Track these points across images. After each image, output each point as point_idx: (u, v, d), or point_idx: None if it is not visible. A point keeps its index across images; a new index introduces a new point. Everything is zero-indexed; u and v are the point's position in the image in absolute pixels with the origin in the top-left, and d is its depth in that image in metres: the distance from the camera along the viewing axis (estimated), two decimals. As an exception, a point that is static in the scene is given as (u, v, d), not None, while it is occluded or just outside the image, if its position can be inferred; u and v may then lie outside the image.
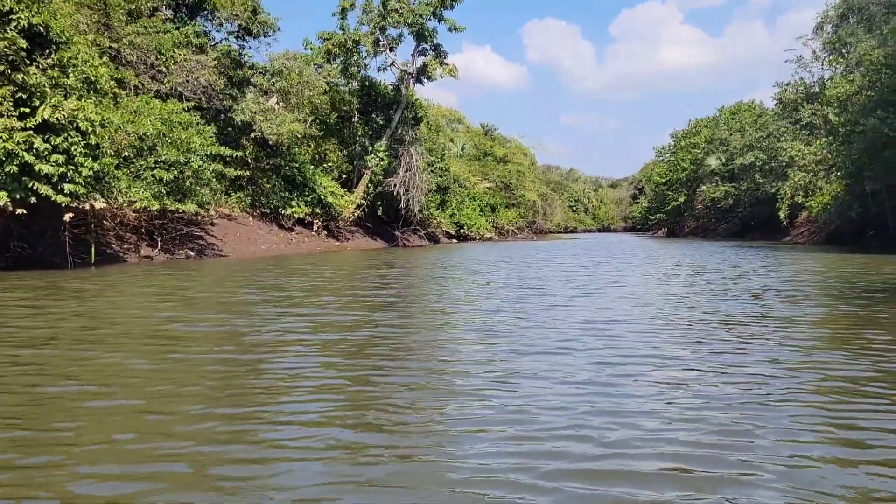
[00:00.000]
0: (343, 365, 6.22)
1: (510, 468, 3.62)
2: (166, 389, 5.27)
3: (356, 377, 5.74)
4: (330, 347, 7.08)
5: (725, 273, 17.58)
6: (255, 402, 4.99)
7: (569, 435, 4.17)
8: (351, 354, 6.73)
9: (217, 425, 4.38)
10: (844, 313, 9.59)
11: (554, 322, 8.75)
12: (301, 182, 36.46)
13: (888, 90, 27.17)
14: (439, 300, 11.73)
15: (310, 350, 6.93)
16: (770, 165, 51.45)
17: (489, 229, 62.39)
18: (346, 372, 5.94)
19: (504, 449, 3.94)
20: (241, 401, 5.00)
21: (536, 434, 4.20)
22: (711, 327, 8.30)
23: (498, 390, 5.29)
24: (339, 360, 6.40)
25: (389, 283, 15.11)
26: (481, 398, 5.04)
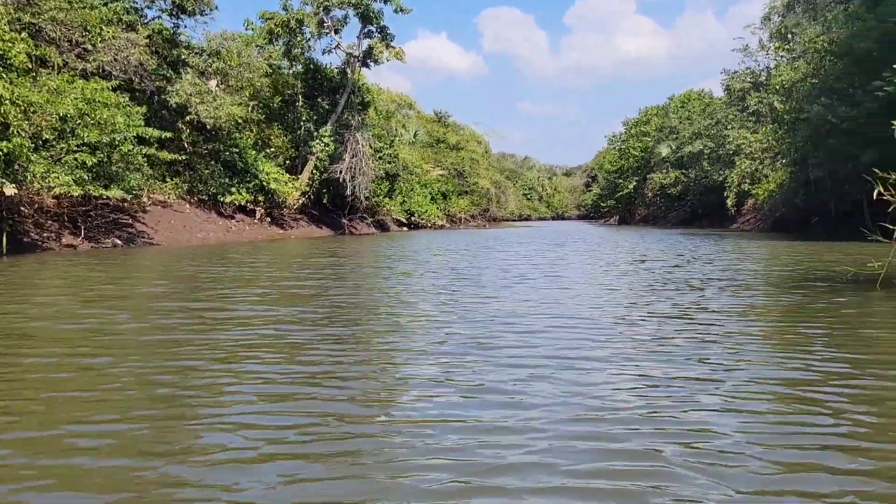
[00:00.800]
0: (187, 370, 5.40)
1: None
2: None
3: (196, 385, 4.94)
4: (203, 348, 6.25)
5: (669, 261, 17.15)
6: (63, 417, 4.16)
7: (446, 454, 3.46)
8: (211, 358, 5.91)
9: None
10: (781, 304, 9.10)
11: (471, 316, 8.05)
12: (242, 168, 35.18)
13: (832, 77, 27.14)
14: (357, 294, 10.94)
15: (166, 351, 6.09)
16: (718, 153, 51.72)
17: (440, 217, 61.66)
18: (171, 381, 5.12)
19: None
20: (49, 415, 4.17)
21: (401, 455, 3.47)
22: (639, 321, 7.69)
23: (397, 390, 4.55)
24: (201, 364, 5.58)
25: (312, 274, 14.25)
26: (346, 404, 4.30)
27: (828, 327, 7.05)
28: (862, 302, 8.94)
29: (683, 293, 10.11)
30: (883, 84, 23.19)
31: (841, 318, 7.62)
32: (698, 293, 10.09)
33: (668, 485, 3.20)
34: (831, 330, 6.91)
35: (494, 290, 10.64)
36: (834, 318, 7.67)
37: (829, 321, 7.41)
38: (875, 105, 24.15)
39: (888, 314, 8.19)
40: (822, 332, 6.76)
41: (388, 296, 10.32)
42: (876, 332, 6.91)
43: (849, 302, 8.90)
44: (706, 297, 9.59)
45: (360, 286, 11.80)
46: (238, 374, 5.23)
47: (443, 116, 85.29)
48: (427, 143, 75.75)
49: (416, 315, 8.25)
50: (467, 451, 3.57)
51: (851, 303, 8.84)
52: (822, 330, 6.91)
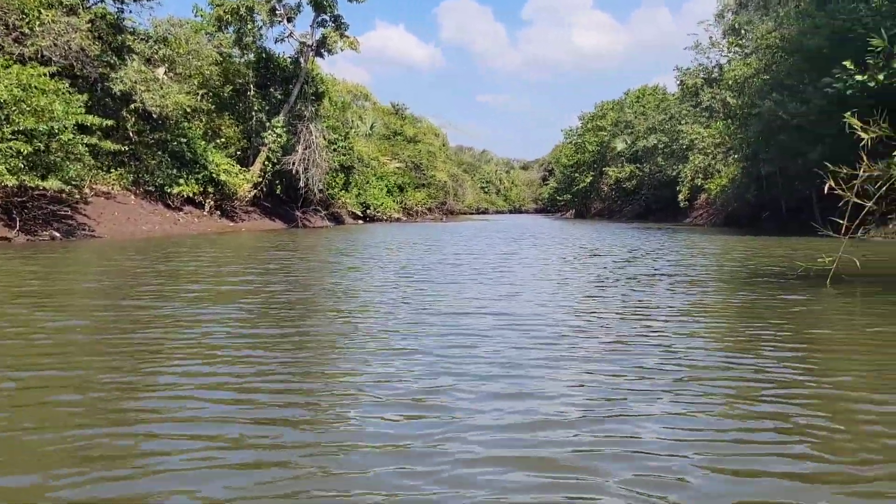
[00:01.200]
0: (111, 370, 4.94)
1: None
2: None
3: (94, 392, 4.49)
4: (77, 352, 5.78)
5: (619, 256, 17.03)
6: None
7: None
8: (134, 361, 5.45)
9: None
10: (731, 302, 8.94)
11: (415, 316, 7.69)
12: (191, 159, 34.18)
13: (783, 74, 27.42)
14: (297, 291, 10.49)
15: (86, 352, 5.61)
16: (672, 148, 52.23)
17: (397, 210, 61.18)
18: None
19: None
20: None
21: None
22: (585, 320, 7.41)
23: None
24: (125, 365, 5.12)
25: (255, 269, 13.74)
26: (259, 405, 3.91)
27: (777, 327, 6.86)
28: (811, 299, 8.83)
29: (633, 290, 9.90)
30: (832, 81, 23.42)
31: (790, 317, 7.46)
32: (647, 290, 9.89)
33: (601, 498, 2.91)
34: (780, 330, 6.72)
35: (442, 287, 10.30)
36: (783, 317, 7.50)
37: (779, 321, 7.23)
38: (824, 102, 24.43)
39: (836, 312, 8.07)
40: (771, 333, 6.57)
41: (329, 293, 9.90)
42: (825, 331, 6.75)
43: (798, 299, 8.77)
44: (655, 294, 9.39)
45: (303, 282, 11.35)
46: (154, 379, 4.79)
47: (400, 109, 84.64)
48: (384, 136, 75.12)
49: (356, 315, 7.86)
50: (397, 475, 3.22)
51: (801, 300, 8.71)
52: (771, 330, 6.72)
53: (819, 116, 25.00)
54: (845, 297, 9.16)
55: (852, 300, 9.09)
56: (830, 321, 7.40)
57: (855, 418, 4.00)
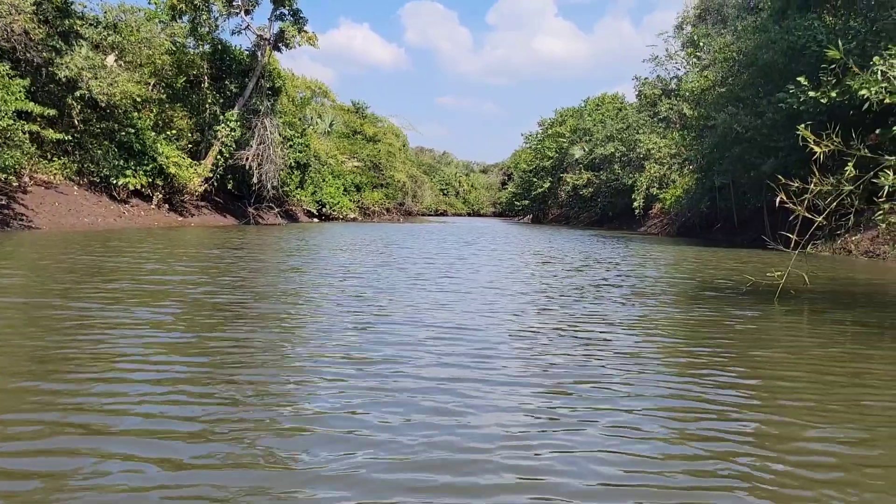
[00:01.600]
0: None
1: None
2: None
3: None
4: None
5: (570, 264, 16.82)
6: None
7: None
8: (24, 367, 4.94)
9: None
10: (678, 318, 8.73)
11: (347, 325, 7.28)
12: (140, 150, 33.11)
13: (738, 87, 27.66)
14: (227, 292, 9.98)
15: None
16: (629, 157, 52.61)
17: (353, 210, 60.44)
18: None
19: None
20: None
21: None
22: (526, 334, 7.09)
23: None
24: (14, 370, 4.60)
25: (190, 267, 13.15)
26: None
27: (722, 347, 6.63)
28: (758, 316, 8.66)
29: (578, 301, 9.63)
30: (786, 96, 23.68)
31: (736, 336, 7.25)
32: (593, 302, 9.63)
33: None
34: (725, 350, 6.49)
35: (381, 293, 9.90)
36: (729, 335, 7.29)
37: (724, 339, 7.01)
38: (778, 116, 24.70)
39: (782, 331, 7.88)
40: (716, 353, 6.33)
41: (260, 297, 9.41)
42: (769, 353, 6.53)
43: (745, 316, 8.59)
44: (602, 307, 9.13)
45: (237, 283, 10.82)
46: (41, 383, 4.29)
47: (361, 107, 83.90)
48: (343, 134, 74.30)
49: (284, 320, 7.41)
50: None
51: (748, 317, 8.54)
52: (716, 349, 6.49)
53: (772, 130, 25.27)
54: (792, 315, 9.02)
55: (798, 318, 8.94)
56: (776, 341, 7.20)
57: (787, 454, 3.72)
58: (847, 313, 9.29)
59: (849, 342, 7.23)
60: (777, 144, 25.18)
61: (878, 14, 23.26)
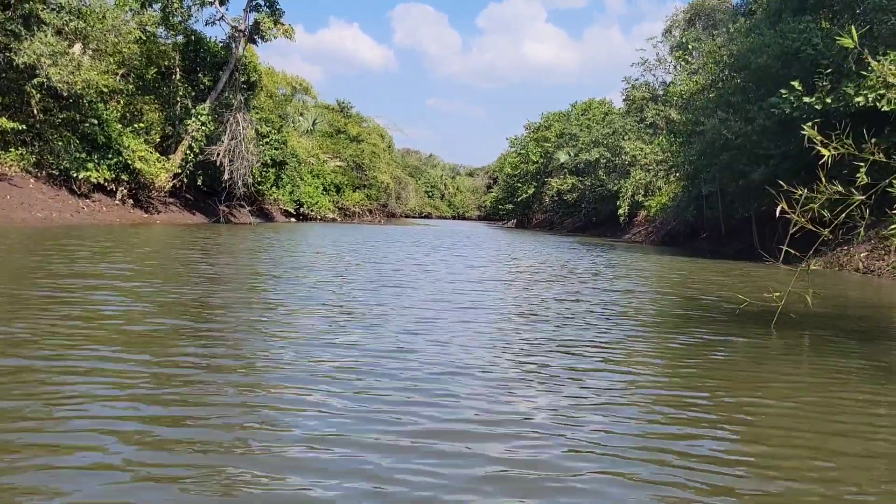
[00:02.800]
0: None
1: None
2: None
3: None
4: None
5: (546, 273, 15.57)
6: None
7: None
8: None
9: None
10: (660, 346, 7.48)
11: (263, 337, 5.97)
12: (104, 143, 31.58)
13: (729, 92, 26.55)
14: (148, 301, 8.63)
15: None
16: (614, 163, 51.53)
17: (332, 210, 58.98)
18: None
19: None
20: None
21: None
22: (479, 364, 5.80)
23: None
24: None
25: (127, 271, 11.76)
26: None
27: (708, 389, 5.39)
28: (753, 347, 7.42)
29: (547, 321, 8.35)
30: (779, 101, 22.60)
31: (726, 374, 6.01)
32: (567, 322, 8.36)
33: None
34: (711, 392, 5.25)
35: (311, 302, 8.58)
36: (717, 373, 6.05)
37: (711, 380, 5.76)
38: (769, 122, 23.63)
39: (779, 369, 6.59)
40: (701, 398, 5.09)
41: (181, 308, 8.06)
42: (764, 399, 5.28)
43: (737, 346, 7.36)
44: (575, 328, 7.86)
45: (171, 291, 9.46)
46: None
47: (345, 106, 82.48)
48: (326, 133, 72.92)
49: (186, 334, 6.08)
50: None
51: (741, 347, 7.31)
52: (701, 392, 5.25)
53: (762, 137, 24.17)
54: (790, 348, 7.76)
55: (798, 352, 7.69)
56: (772, 382, 5.94)
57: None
58: (853, 345, 8.07)
59: (856, 381, 6.01)
60: (768, 152, 24.10)
61: (877, 18, 22.23)
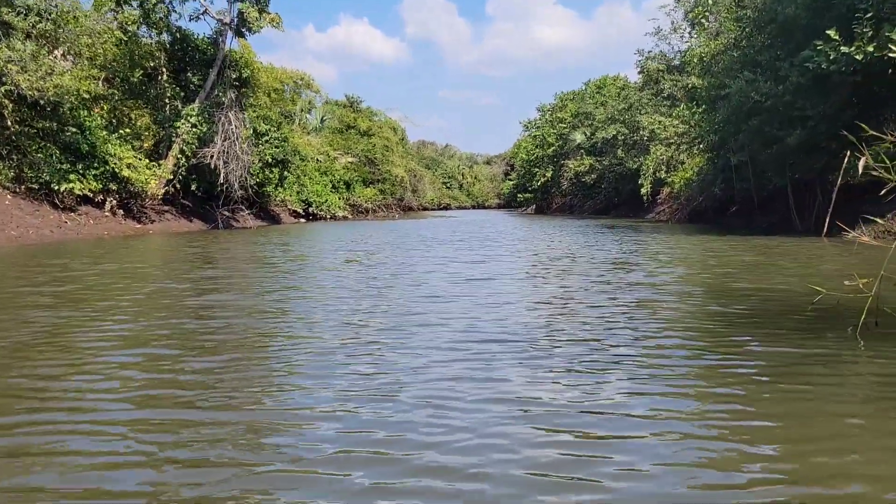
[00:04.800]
0: None
1: None
2: None
3: None
4: None
5: (568, 269, 13.35)
6: None
7: None
8: None
9: None
10: (698, 369, 5.26)
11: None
12: (88, 151, 29.78)
13: (754, 49, 23.98)
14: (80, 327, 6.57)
15: None
16: (633, 139, 48.87)
17: (342, 208, 56.97)
18: None
19: None
20: None
21: None
22: (491, 390, 3.65)
23: None
24: None
25: (78, 290, 9.73)
26: None
27: (776, 440, 3.18)
28: (833, 370, 5.16)
29: (575, 331, 6.14)
30: (812, 55, 20.07)
31: (798, 416, 3.78)
32: (595, 329, 6.13)
33: None
34: (781, 444, 3.05)
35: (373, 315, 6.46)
36: (788, 416, 3.82)
37: (782, 419, 3.54)
38: (803, 80, 21.08)
39: (873, 407, 4.35)
40: (766, 444, 2.89)
41: (123, 334, 5.99)
42: (849, 457, 3.08)
43: (811, 368, 5.11)
44: (606, 338, 5.65)
45: (115, 313, 7.40)
46: None
47: (355, 101, 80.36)
48: (336, 129, 71.05)
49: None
50: None
51: (816, 367, 5.06)
52: (766, 441, 3.05)
53: (796, 96, 21.62)
54: (886, 371, 5.41)
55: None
56: (865, 431, 3.72)
57: None
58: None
59: None
60: (803, 113, 21.56)
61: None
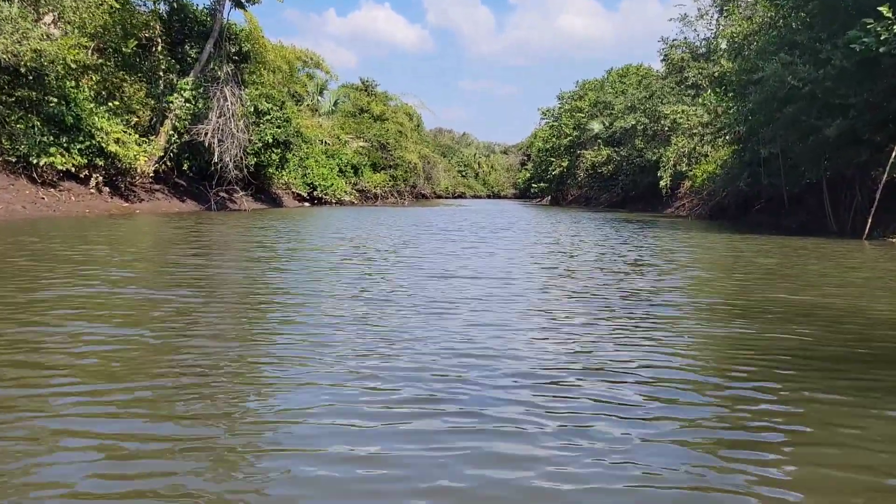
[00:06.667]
0: None
1: None
2: None
3: None
4: None
5: (569, 265, 11.36)
6: None
7: None
8: None
9: None
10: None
11: None
12: (73, 124, 27.99)
13: (792, 29, 21.74)
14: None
15: None
16: (653, 129, 46.53)
17: (349, 193, 55.07)
18: None
19: None
20: None
21: None
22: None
23: None
24: None
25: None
26: None
27: None
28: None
29: (587, 372, 4.19)
30: (860, 35, 17.84)
31: None
32: (599, 372, 4.19)
33: None
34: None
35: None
36: None
37: None
38: (847, 63, 18.83)
39: None
40: None
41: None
42: None
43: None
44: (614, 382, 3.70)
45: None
46: None
47: (369, 85, 78.22)
48: (349, 113, 69.14)
49: None
50: None
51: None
52: None
53: (838, 82, 19.40)
54: None
55: None
56: None
57: None
58: None
59: None
60: (846, 101, 19.34)
61: None
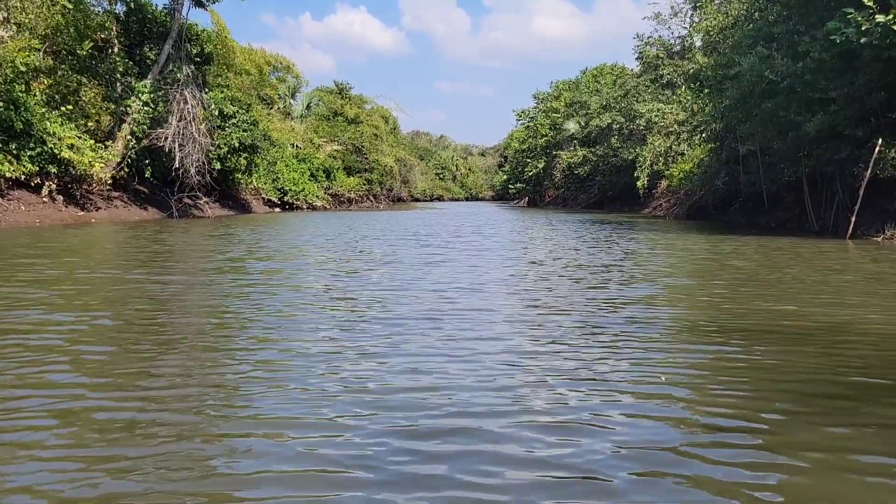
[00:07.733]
0: None
1: None
2: None
3: None
4: None
5: (538, 272, 10.37)
6: None
7: None
8: None
9: None
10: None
11: None
12: (22, 130, 26.66)
13: (770, 21, 20.97)
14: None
15: None
16: (629, 128, 45.83)
17: (321, 197, 53.89)
18: None
19: None
20: None
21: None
22: None
23: None
24: None
25: None
26: None
27: None
28: None
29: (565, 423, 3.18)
30: (840, 26, 17.06)
31: None
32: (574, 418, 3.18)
33: None
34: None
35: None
36: None
37: None
38: (827, 56, 18.07)
39: None
40: None
41: None
42: None
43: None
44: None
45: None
46: None
47: (343, 88, 77.02)
48: (323, 116, 67.97)
49: None
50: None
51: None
52: None
53: (817, 75, 18.65)
54: None
55: None
56: None
57: None
58: None
59: None
60: (826, 95, 18.59)
61: None
